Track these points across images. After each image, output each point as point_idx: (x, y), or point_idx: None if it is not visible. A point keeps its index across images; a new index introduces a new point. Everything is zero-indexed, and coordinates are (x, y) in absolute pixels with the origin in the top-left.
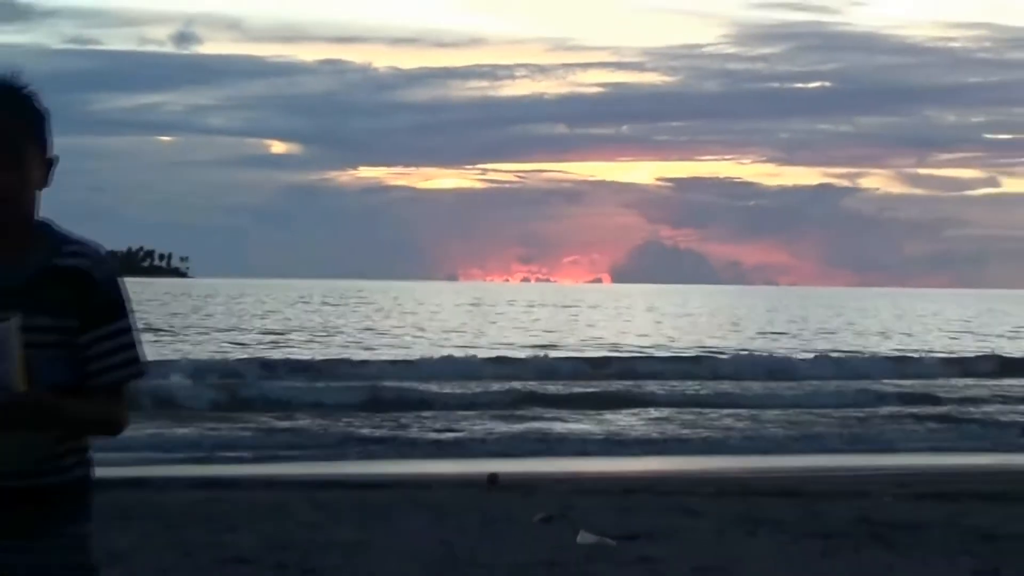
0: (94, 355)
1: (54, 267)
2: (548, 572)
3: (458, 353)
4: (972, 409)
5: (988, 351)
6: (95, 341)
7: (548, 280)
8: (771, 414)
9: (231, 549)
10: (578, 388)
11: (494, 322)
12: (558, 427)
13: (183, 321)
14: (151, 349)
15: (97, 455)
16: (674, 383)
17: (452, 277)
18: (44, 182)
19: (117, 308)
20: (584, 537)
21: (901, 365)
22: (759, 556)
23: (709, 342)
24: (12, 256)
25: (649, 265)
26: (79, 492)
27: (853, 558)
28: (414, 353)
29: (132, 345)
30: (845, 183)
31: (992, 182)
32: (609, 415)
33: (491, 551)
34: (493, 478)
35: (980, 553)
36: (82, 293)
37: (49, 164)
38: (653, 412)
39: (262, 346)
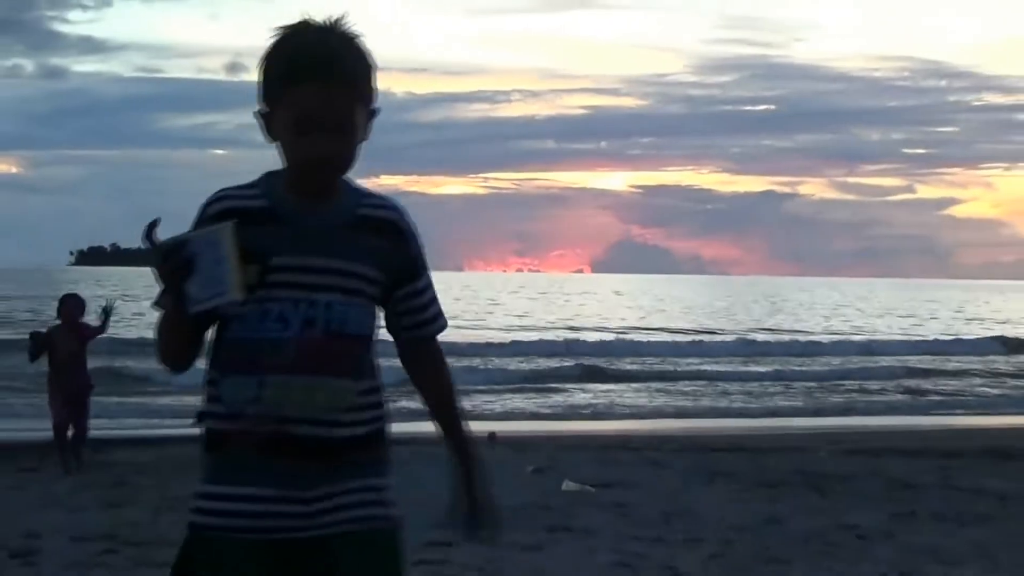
0: (410, 309)
1: (364, 216)
2: (539, 513)
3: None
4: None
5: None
6: (411, 295)
7: (538, 271)
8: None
9: None
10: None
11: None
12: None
13: None
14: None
15: (163, 418)
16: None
17: (458, 268)
18: (365, 136)
19: (423, 262)
20: (568, 485)
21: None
22: (715, 501)
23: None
24: (322, 204)
25: (623, 258)
26: (374, 445)
27: (793, 503)
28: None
29: (436, 298)
30: (787, 190)
31: (909, 189)
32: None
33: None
34: (492, 436)
35: (898, 499)
36: (394, 244)
37: (371, 115)
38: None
39: None
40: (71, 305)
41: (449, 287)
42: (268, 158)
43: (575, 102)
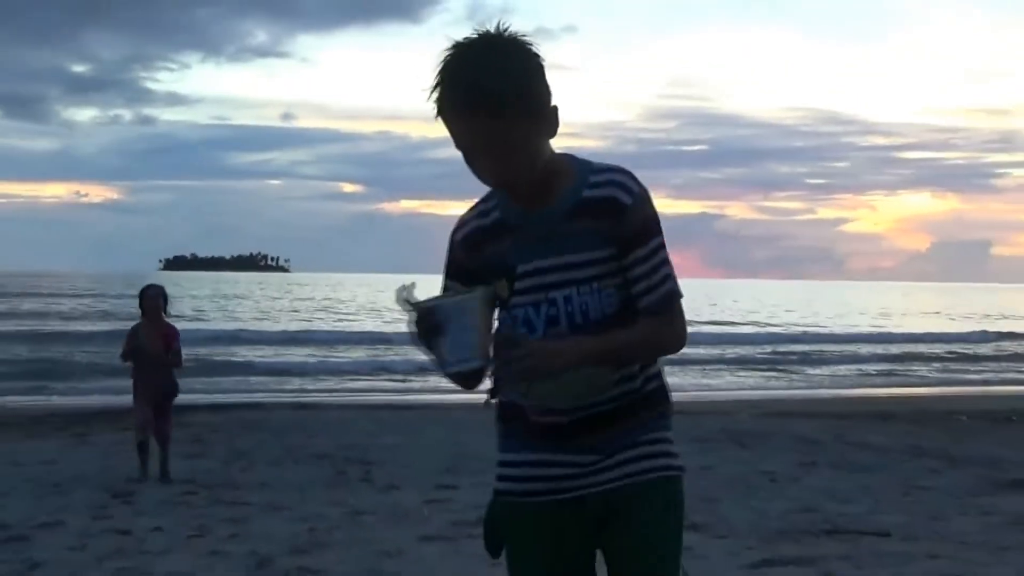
0: (636, 276)
1: (583, 200)
2: None
3: None
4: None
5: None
6: (640, 261)
7: None
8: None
9: (316, 448)
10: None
11: None
12: None
13: (282, 303)
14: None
15: (223, 390)
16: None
17: None
18: (551, 132)
19: (653, 225)
20: None
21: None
22: None
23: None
24: (542, 202)
25: None
26: (649, 405)
27: (721, 454)
28: None
29: (668, 261)
30: (716, 211)
31: (811, 211)
32: None
33: (487, 449)
34: (488, 400)
35: (804, 451)
36: (615, 220)
37: (542, 115)
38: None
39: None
40: (152, 296)
41: None
42: (313, 186)
43: (555, 142)
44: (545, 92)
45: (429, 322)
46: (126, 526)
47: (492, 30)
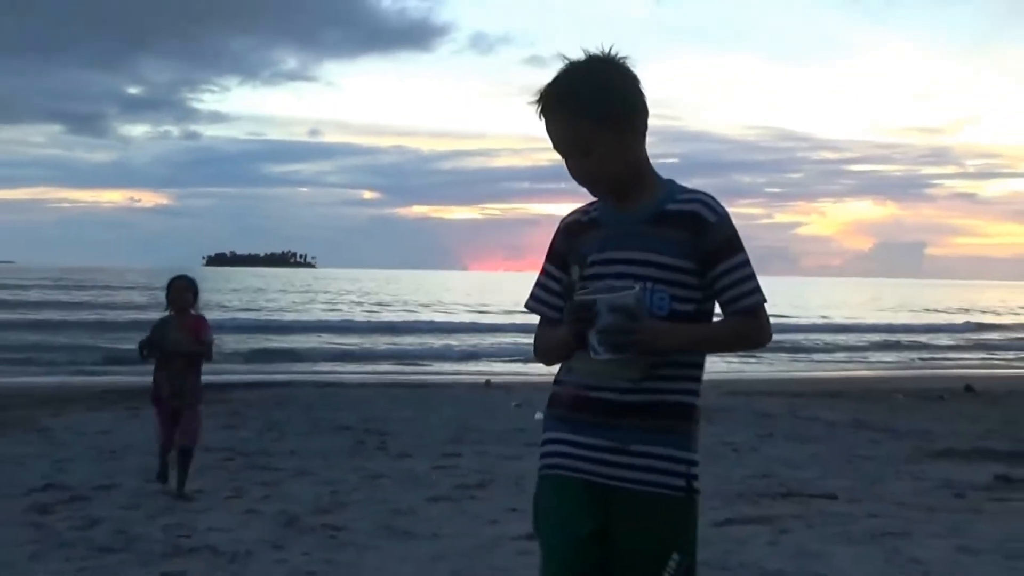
0: (725, 285)
1: (666, 211)
2: (519, 435)
3: None
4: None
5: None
6: (724, 273)
7: (520, 271)
8: None
9: (340, 422)
10: None
11: None
12: None
13: (307, 296)
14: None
15: (258, 370)
16: None
17: (464, 268)
18: (638, 143)
19: (736, 243)
20: (539, 415)
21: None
22: None
23: None
24: (630, 204)
25: None
26: (672, 414)
27: None
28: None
29: (753, 275)
30: None
31: (769, 216)
32: None
33: (486, 423)
34: (488, 382)
35: (762, 425)
36: (696, 233)
37: (629, 128)
38: None
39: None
40: (179, 288)
41: (459, 282)
42: (337, 193)
43: (543, 157)
44: (633, 105)
45: (586, 316)
46: (175, 488)
47: (597, 52)
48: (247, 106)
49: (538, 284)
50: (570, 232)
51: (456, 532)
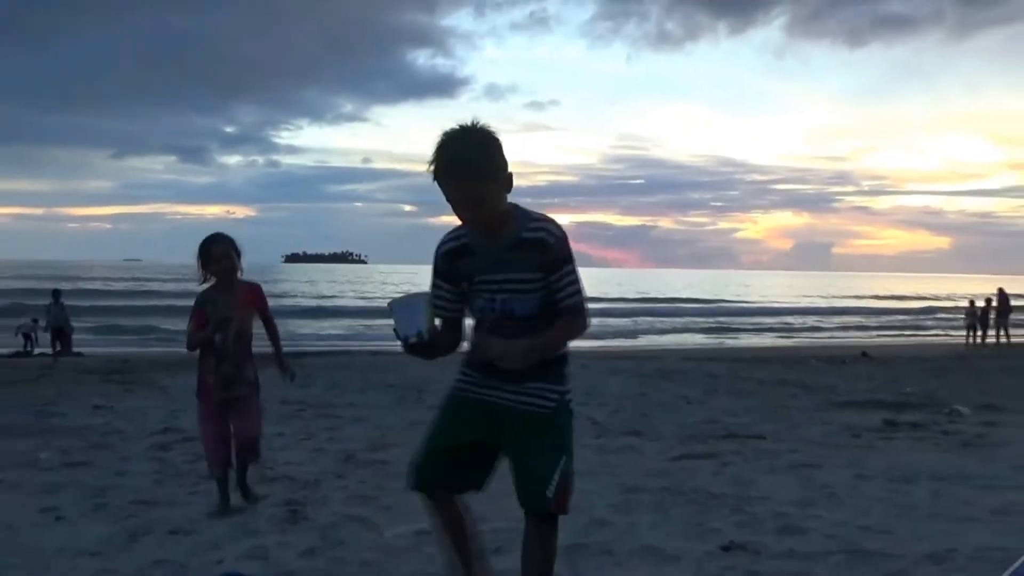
0: (556, 289)
1: (522, 239)
2: None
3: None
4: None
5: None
6: (557, 279)
7: None
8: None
9: (387, 381)
10: None
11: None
12: None
13: (363, 285)
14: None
15: (326, 341)
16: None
17: None
18: (507, 190)
19: (567, 257)
20: None
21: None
22: (614, 384)
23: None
24: (495, 235)
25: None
26: (548, 365)
27: (653, 385)
28: None
29: (577, 280)
30: (651, 223)
31: (714, 224)
32: None
33: None
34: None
35: (709, 383)
36: (541, 253)
37: (505, 178)
38: None
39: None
40: (223, 252)
41: None
42: (382, 208)
43: (541, 178)
44: (504, 164)
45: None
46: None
47: (468, 123)
48: (314, 141)
49: (435, 296)
50: (450, 256)
51: None
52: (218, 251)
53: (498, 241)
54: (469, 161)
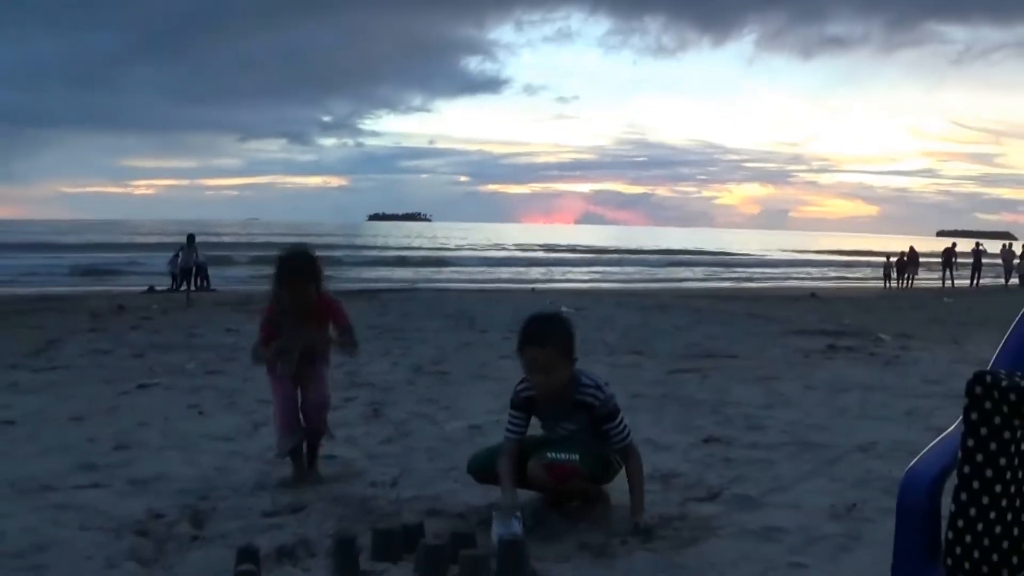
0: (610, 436)
1: (575, 402)
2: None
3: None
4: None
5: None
6: (608, 429)
7: (549, 224)
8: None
9: (445, 311)
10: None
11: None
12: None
13: (431, 242)
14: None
15: (398, 281)
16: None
17: (518, 221)
18: (572, 365)
19: (612, 416)
20: (564, 308)
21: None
22: (622, 316)
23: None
24: (556, 399)
25: (586, 219)
26: None
27: (652, 316)
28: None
29: (624, 428)
30: (650, 192)
31: (699, 193)
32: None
33: (531, 311)
34: (533, 289)
35: (695, 315)
36: (591, 411)
37: (572, 360)
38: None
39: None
40: (300, 283)
41: (514, 230)
42: (445, 179)
43: (566, 156)
44: (574, 345)
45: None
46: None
47: (549, 312)
48: (391, 127)
49: (510, 422)
50: (526, 401)
51: (515, 376)
52: (298, 284)
53: (559, 403)
54: (548, 333)
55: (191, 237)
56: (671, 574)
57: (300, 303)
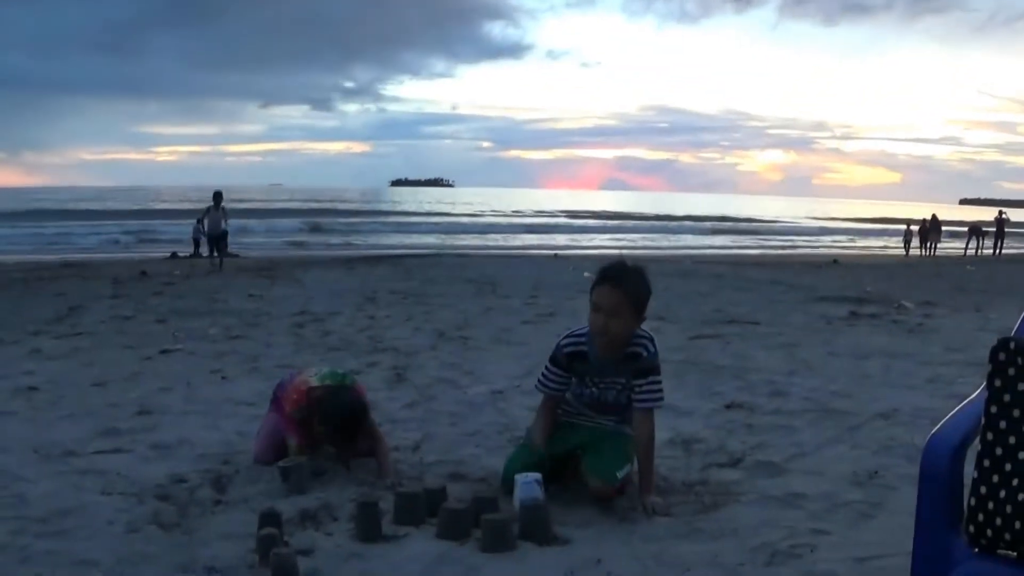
0: (639, 391)
1: (626, 354)
2: (573, 286)
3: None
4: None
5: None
6: (641, 385)
7: (572, 189)
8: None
9: (468, 276)
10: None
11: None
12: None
13: (452, 205)
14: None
15: (422, 248)
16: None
17: (541, 186)
18: (640, 319)
19: (653, 370)
20: (587, 273)
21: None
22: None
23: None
24: (612, 352)
25: (611, 184)
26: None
27: (674, 282)
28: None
29: (658, 390)
30: (674, 158)
31: (723, 159)
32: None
33: (554, 278)
34: (556, 254)
35: (717, 281)
36: (637, 363)
37: (640, 316)
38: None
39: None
40: (346, 425)
41: (537, 195)
42: (470, 145)
43: (589, 122)
44: (647, 299)
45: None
46: (372, 314)
47: (630, 263)
48: (414, 92)
49: (545, 376)
50: (569, 357)
51: (536, 341)
52: (343, 437)
53: (613, 354)
54: (625, 278)
55: (218, 196)
56: (692, 539)
57: (343, 450)
